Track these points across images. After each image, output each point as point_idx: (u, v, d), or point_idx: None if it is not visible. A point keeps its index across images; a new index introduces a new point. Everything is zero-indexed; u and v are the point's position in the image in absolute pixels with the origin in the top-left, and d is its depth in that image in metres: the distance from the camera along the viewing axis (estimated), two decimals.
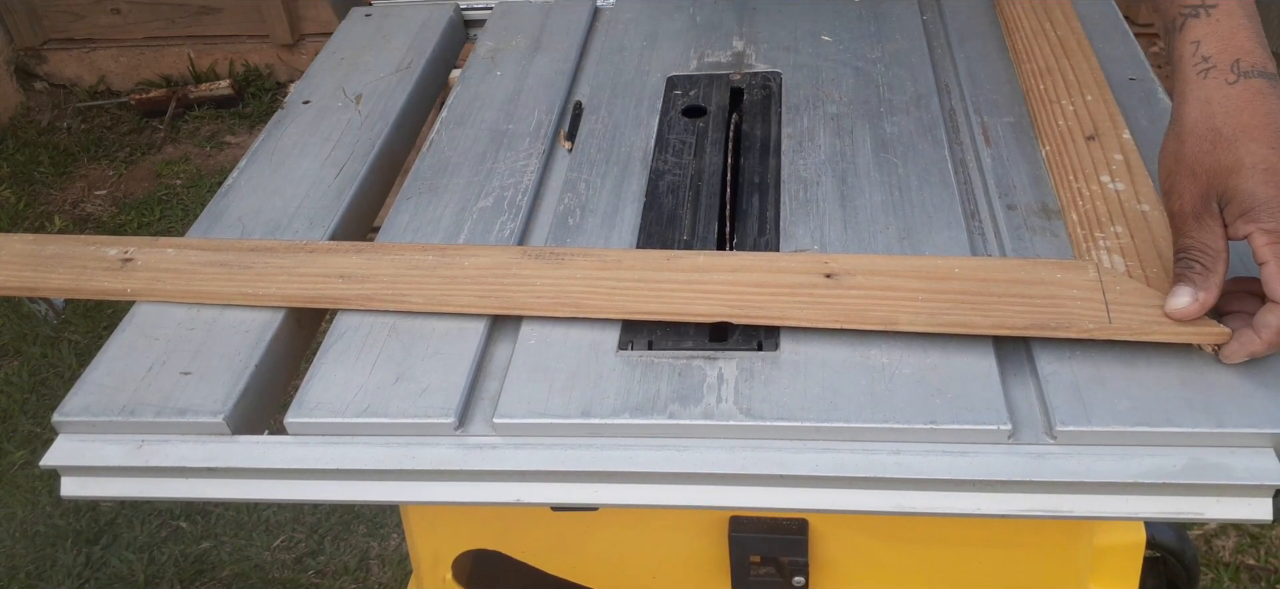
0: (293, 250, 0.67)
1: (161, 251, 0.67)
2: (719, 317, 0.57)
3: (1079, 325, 0.54)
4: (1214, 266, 0.52)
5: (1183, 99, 0.54)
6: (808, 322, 0.57)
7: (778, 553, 0.70)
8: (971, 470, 0.51)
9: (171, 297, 0.64)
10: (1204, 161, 0.52)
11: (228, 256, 0.66)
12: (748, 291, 0.59)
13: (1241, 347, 0.52)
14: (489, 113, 0.83)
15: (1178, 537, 0.96)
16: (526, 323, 0.60)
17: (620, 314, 0.59)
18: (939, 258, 0.61)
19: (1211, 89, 0.52)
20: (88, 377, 0.60)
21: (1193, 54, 0.53)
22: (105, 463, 0.56)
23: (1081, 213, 0.64)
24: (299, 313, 0.64)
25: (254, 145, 0.81)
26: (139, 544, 1.66)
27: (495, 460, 0.54)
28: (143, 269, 0.66)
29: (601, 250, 0.64)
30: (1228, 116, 0.51)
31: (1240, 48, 0.53)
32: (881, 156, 0.73)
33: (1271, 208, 0.49)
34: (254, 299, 0.63)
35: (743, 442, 0.54)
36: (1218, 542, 1.55)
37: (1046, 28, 0.84)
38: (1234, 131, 0.51)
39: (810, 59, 0.86)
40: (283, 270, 0.65)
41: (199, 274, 0.65)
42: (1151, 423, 0.51)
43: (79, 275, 0.66)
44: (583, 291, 0.61)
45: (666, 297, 0.59)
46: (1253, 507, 0.51)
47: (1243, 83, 0.52)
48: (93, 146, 2.75)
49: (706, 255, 0.62)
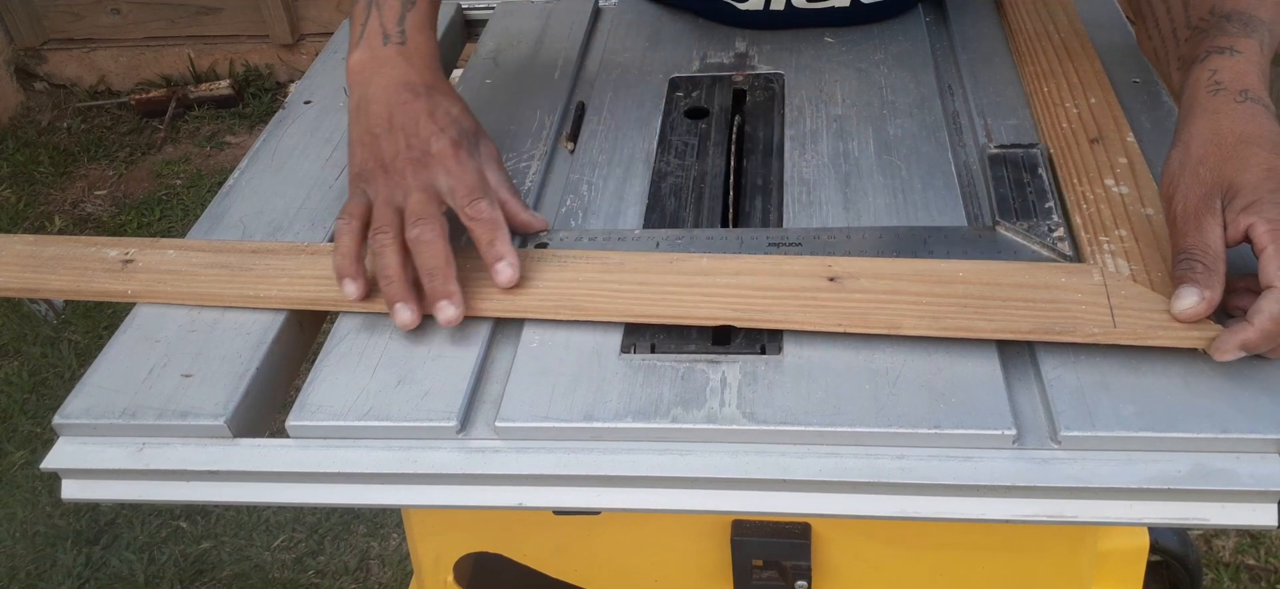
0: (294, 252, 0.66)
1: (162, 253, 0.67)
2: (722, 320, 0.57)
3: (1083, 330, 0.54)
4: (1216, 266, 0.53)
5: (1191, 113, 0.58)
6: (810, 325, 0.57)
7: (780, 557, 0.70)
8: (975, 475, 0.51)
9: (172, 298, 0.64)
10: (1209, 163, 0.55)
11: (229, 259, 0.66)
12: (750, 295, 0.59)
13: (1232, 336, 0.51)
14: (490, 114, 0.82)
15: (1181, 541, 0.96)
16: (528, 326, 0.60)
17: (623, 317, 0.59)
18: (942, 261, 0.61)
19: (1220, 104, 0.57)
20: (88, 379, 0.59)
21: (1207, 79, 0.59)
22: (106, 466, 0.56)
23: (1085, 216, 0.63)
24: (300, 315, 0.64)
25: (255, 146, 0.81)
26: (139, 544, 1.66)
27: (497, 464, 0.54)
28: (143, 270, 0.66)
29: (604, 253, 0.64)
30: (1233, 126, 0.56)
31: (1248, 81, 0.58)
32: (885, 159, 0.73)
33: (1271, 202, 0.52)
34: (255, 301, 0.63)
35: (746, 446, 0.53)
36: (1218, 542, 1.55)
37: (1050, 30, 0.84)
38: (1239, 139, 0.55)
39: (813, 60, 0.86)
40: (284, 272, 0.64)
41: (200, 276, 0.65)
42: (1156, 428, 0.51)
43: (79, 277, 0.66)
44: (585, 294, 0.60)
45: (669, 299, 0.59)
46: (1257, 512, 0.51)
47: (1248, 104, 0.57)
48: (93, 147, 2.75)
49: (709, 258, 0.62)
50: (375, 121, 0.64)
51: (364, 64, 0.67)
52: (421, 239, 0.59)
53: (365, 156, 0.64)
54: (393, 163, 0.62)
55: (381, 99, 0.64)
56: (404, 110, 0.64)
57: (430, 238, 0.59)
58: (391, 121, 0.63)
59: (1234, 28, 0.62)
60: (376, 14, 0.68)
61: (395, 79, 0.65)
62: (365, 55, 0.67)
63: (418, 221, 0.59)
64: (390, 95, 0.64)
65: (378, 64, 0.66)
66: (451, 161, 0.62)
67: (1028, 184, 0.68)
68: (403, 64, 0.66)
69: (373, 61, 0.66)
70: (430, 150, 0.62)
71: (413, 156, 0.62)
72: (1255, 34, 0.61)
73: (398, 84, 0.65)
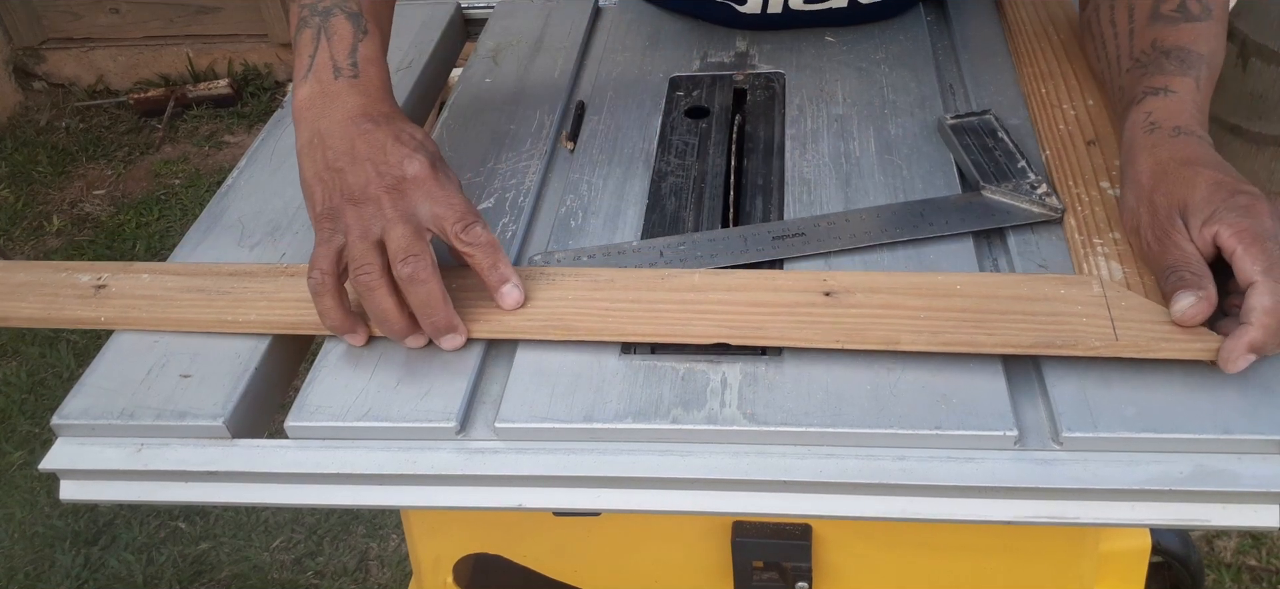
0: (273, 274, 0.64)
1: (136, 277, 0.65)
2: (717, 338, 0.56)
3: (1086, 343, 0.53)
4: (1202, 270, 0.54)
5: (1133, 153, 0.61)
6: (806, 342, 0.56)
7: (781, 558, 0.70)
8: (977, 476, 0.51)
9: (147, 325, 0.62)
10: (1161, 189, 0.58)
11: (205, 282, 0.64)
12: (745, 312, 0.58)
13: (1237, 341, 0.51)
14: (490, 113, 0.82)
15: (1183, 542, 0.95)
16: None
17: (614, 337, 0.58)
18: (940, 274, 0.60)
19: (1157, 140, 0.60)
20: (87, 379, 0.59)
21: (1143, 121, 0.62)
22: (105, 466, 0.56)
23: (1080, 218, 0.63)
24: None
25: (253, 145, 0.81)
26: (138, 545, 1.65)
27: (497, 465, 0.54)
28: (116, 296, 0.63)
29: (594, 270, 0.62)
30: (1172, 155, 0.59)
31: (1181, 119, 0.61)
32: (885, 158, 0.73)
33: (1229, 206, 0.54)
34: (233, 326, 0.61)
35: (746, 447, 0.53)
36: (1219, 542, 1.55)
37: (1049, 32, 0.84)
38: (1181, 163, 0.58)
39: (813, 60, 0.85)
40: (262, 296, 0.62)
41: (175, 301, 0.63)
42: (1158, 429, 0.51)
43: (50, 304, 0.63)
44: (575, 314, 0.59)
45: (662, 317, 0.58)
46: (1259, 513, 0.51)
47: (1181, 136, 0.60)
48: (91, 146, 2.75)
49: (702, 274, 0.61)
50: (335, 156, 0.59)
51: (314, 98, 0.62)
52: (415, 278, 0.55)
53: (327, 194, 0.59)
54: (363, 194, 0.58)
55: (339, 132, 0.60)
56: (366, 140, 0.59)
57: (425, 276, 0.55)
58: (354, 152, 0.59)
59: (1171, 66, 0.64)
60: (325, 44, 0.64)
61: (352, 111, 0.61)
62: (314, 89, 0.62)
63: (407, 258, 0.56)
64: (348, 128, 0.60)
65: (330, 97, 0.62)
66: (432, 185, 0.58)
67: (994, 148, 0.71)
68: (358, 96, 0.62)
69: (324, 95, 0.62)
70: (404, 175, 0.58)
71: (386, 184, 0.58)
72: (1192, 71, 0.64)
73: (356, 115, 0.61)
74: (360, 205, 0.57)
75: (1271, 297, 0.51)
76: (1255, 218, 0.53)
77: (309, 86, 0.63)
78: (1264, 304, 0.51)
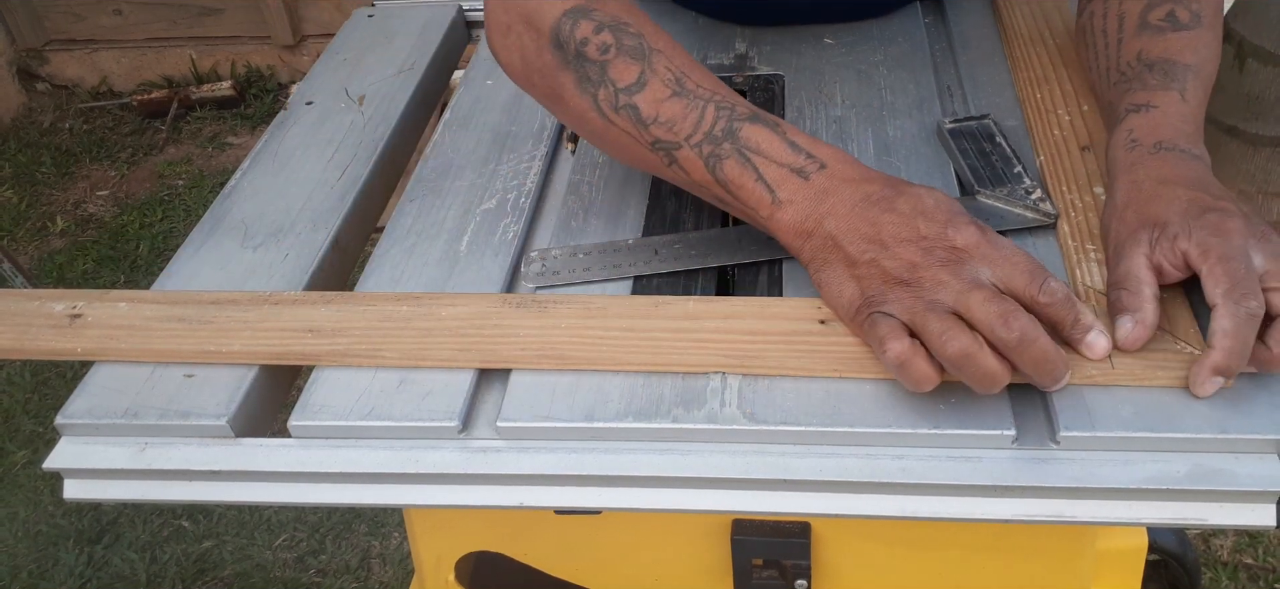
0: (257, 303, 0.62)
1: (113, 306, 0.63)
2: (713, 367, 0.56)
3: (1083, 371, 0.54)
4: (1138, 289, 0.54)
5: (1114, 172, 0.61)
6: (804, 371, 0.56)
7: (780, 556, 0.70)
8: (975, 475, 0.51)
9: (125, 356, 0.60)
10: (1134, 206, 0.58)
11: (186, 311, 0.62)
12: (741, 340, 0.57)
13: (1200, 367, 0.51)
14: (492, 114, 0.83)
15: (1180, 540, 0.96)
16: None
17: (608, 366, 0.57)
18: None
19: (1136, 158, 0.60)
20: (91, 379, 0.60)
21: (1125, 139, 0.62)
22: (108, 465, 0.56)
23: (1073, 224, 0.64)
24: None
25: (256, 147, 0.81)
26: (141, 544, 1.66)
27: (499, 464, 0.54)
28: (93, 326, 0.62)
29: (586, 297, 0.61)
30: (1150, 173, 0.59)
31: (1162, 134, 0.61)
32: (883, 160, 0.73)
33: (1200, 224, 0.54)
34: (216, 357, 0.60)
35: (746, 446, 0.54)
36: (1216, 541, 1.56)
37: (1044, 36, 0.84)
38: (1157, 181, 0.58)
39: (813, 61, 0.86)
40: (246, 325, 0.61)
41: (154, 331, 0.61)
42: (1154, 429, 0.51)
43: (21, 334, 0.61)
44: (568, 342, 0.58)
45: (656, 346, 0.57)
46: (1256, 512, 0.51)
47: (1162, 153, 0.60)
48: (95, 147, 2.75)
49: (696, 301, 0.60)
50: (859, 252, 0.54)
51: (805, 215, 0.56)
52: (1026, 338, 0.50)
53: (866, 285, 0.54)
54: (913, 275, 0.53)
55: (846, 231, 0.55)
56: (887, 223, 0.54)
57: (1035, 333, 0.50)
58: (881, 240, 0.54)
59: (1154, 79, 0.64)
60: (766, 164, 0.58)
61: (848, 200, 0.56)
62: (798, 206, 0.57)
63: (1009, 320, 0.50)
64: (854, 220, 0.55)
65: (816, 201, 0.56)
66: (988, 248, 0.53)
67: (991, 153, 0.71)
68: (838, 182, 0.57)
69: (810, 203, 0.57)
70: (955, 245, 0.53)
71: (939, 259, 0.53)
72: (1176, 84, 0.63)
73: (856, 203, 0.55)
74: (912, 286, 0.53)
75: (1231, 319, 0.50)
76: (1223, 236, 0.53)
77: (788, 211, 0.57)
78: (1223, 327, 0.51)
